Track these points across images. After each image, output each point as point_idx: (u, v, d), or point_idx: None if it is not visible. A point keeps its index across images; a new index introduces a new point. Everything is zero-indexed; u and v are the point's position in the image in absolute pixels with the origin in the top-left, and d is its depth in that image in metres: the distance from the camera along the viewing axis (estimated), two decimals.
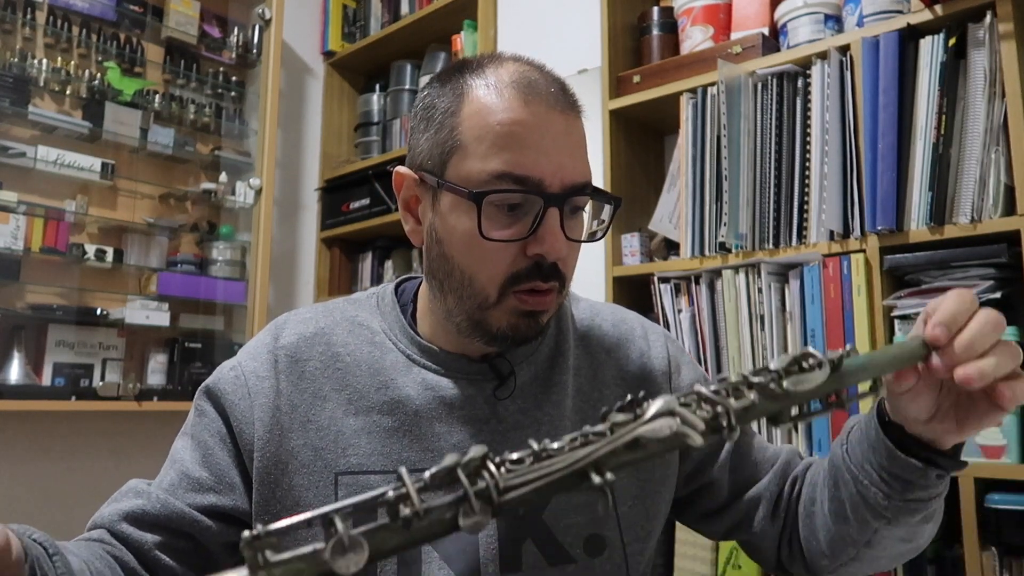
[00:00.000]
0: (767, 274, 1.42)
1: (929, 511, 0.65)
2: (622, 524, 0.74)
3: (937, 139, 1.27)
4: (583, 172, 0.69)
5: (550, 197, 0.66)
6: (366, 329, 0.77)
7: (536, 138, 0.66)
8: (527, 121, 0.66)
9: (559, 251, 0.66)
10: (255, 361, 0.75)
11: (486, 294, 0.68)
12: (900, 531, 0.67)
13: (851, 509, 0.68)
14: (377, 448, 0.71)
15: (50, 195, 2.23)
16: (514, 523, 0.70)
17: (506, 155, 0.66)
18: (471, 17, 2.30)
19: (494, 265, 0.67)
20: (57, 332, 2.19)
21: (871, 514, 0.66)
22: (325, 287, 2.75)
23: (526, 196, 0.66)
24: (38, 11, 2.25)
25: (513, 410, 0.74)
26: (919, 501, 0.63)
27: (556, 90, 0.70)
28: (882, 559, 0.72)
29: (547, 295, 0.69)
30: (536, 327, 0.70)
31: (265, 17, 2.60)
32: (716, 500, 0.82)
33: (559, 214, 0.66)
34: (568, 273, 0.71)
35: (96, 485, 2.22)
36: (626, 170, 1.76)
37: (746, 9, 1.65)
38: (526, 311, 0.68)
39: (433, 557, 0.68)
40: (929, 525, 0.69)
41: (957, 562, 1.19)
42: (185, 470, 0.72)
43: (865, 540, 0.68)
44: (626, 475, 0.76)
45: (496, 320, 0.69)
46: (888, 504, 0.64)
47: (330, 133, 2.84)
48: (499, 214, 0.67)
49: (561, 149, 0.67)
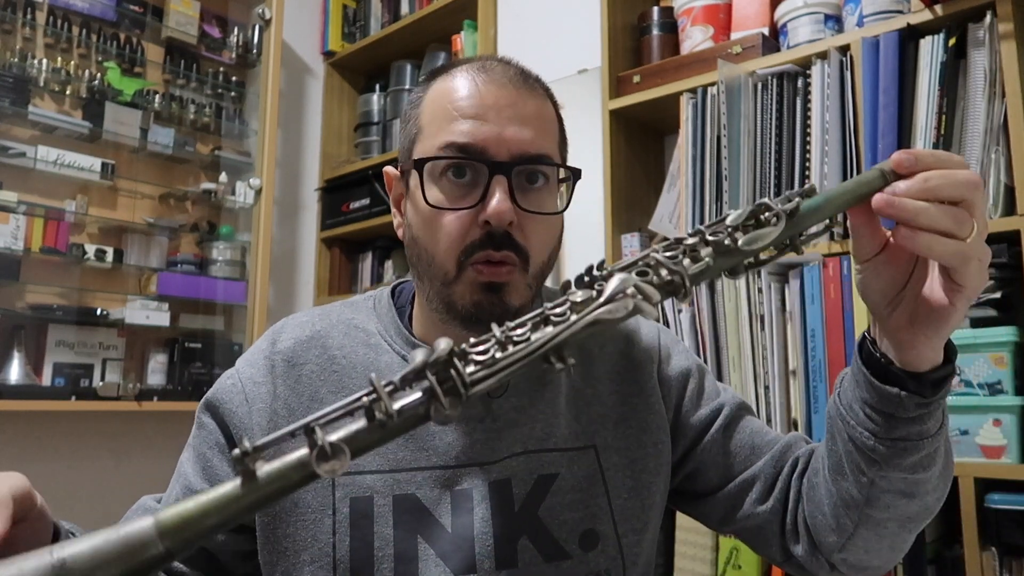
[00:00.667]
0: (767, 274, 1.42)
1: (922, 454, 0.62)
2: (616, 517, 0.75)
3: (937, 139, 1.27)
4: (535, 144, 0.69)
5: (495, 164, 0.67)
6: (362, 331, 0.77)
7: (482, 110, 0.68)
8: (474, 94, 0.69)
9: (502, 216, 0.66)
10: (252, 368, 0.76)
11: (445, 269, 0.69)
12: (897, 480, 0.63)
13: (846, 459, 0.65)
14: None
15: (50, 195, 2.23)
16: (509, 520, 0.71)
17: (452, 127, 0.68)
18: (471, 17, 2.30)
19: (448, 237, 0.68)
20: (57, 332, 2.19)
21: (864, 460, 0.63)
22: (325, 287, 2.75)
23: (474, 166, 0.68)
24: (38, 11, 2.25)
25: (507, 408, 0.74)
26: (907, 440, 0.61)
27: (513, 72, 0.72)
28: (889, 524, 0.67)
29: (502, 266, 0.68)
30: (500, 304, 0.68)
31: (265, 17, 2.60)
32: (709, 483, 0.80)
33: (507, 182, 0.67)
34: (531, 247, 0.69)
35: (96, 485, 2.23)
36: (626, 170, 1.76)
37: (746, 9, 1.65)
38: (484, 284, 0.68)
39: (430, 555, 0.68)
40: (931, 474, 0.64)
41: (957, 562, 1.19)
42: (187, 483, 0.74)
43: (864, 496, 0.65)
44: (621, 470, 0.76)
45: (460, 296, 0.69)
46: (875, 445, 0.62)
47: (330, 133, 2.84)
48: (451, 187, 0.68)
49: (508, 119, 0.68)
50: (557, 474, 0.73)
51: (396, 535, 0.69)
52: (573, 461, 0.74)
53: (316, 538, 0.69)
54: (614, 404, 0.79)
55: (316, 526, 0.69)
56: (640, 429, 0.78)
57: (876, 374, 0.61)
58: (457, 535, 0.69)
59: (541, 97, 0.73)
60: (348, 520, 0.69)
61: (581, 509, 0.73)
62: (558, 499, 0.73)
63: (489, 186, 0.67)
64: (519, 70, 0.73)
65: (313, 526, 0.69)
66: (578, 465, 0.75)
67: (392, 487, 0.70)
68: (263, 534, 0.71)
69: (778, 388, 1.38)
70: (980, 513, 1.18)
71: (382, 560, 0.68)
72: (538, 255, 0.70)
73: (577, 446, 0.75)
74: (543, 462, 0.73)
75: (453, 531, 0.69)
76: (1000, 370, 1.18)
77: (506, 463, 0.72)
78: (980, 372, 1.20)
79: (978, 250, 0.54)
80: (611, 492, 0.75)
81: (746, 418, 0.82)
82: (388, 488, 0.70)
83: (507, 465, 0.72)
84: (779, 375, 1.38)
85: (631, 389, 0.79)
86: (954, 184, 0.54)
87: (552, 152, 0.71)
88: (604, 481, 0.75)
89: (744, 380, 1.43)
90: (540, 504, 0.72)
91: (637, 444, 0.78)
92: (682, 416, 0.81)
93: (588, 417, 0.77)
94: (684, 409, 0.81)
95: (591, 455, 0.76)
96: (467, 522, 0.70)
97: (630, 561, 0.75)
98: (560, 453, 0.74)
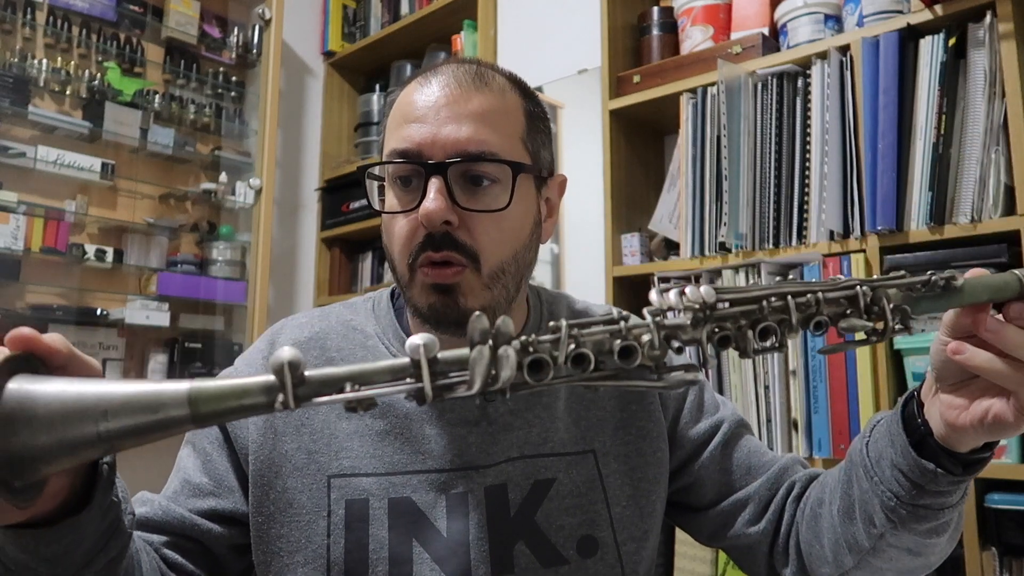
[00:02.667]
0: (767, 274, 1.42)
1: (939, 522, 0.62)
2: (616, 525, 0.74)
3: (937, 139, 1.27)
4: (472, 140, 0.67)
5: (428, 166, 0.67)
6: (360, 333, 0.78)
7: (421, 113, 0.69)
8: (418, 99, 0.70)
9: (431, 216, 0.65)
10: (250, 368, 0.76)
11: (402, 271, 0.70)
12: (908, 540, 0.63)
13: (859, 508, 0.65)
14: (369, 451, 0.71)
15: (50, 195, 2.23)
16: (505, 525, 0.70)
17: (398, 132, 0.70)
18: (471, 17, 2.30)
19: (400, 241, 0.69)
20: (57, 332, 2.19)
21: (879, 516, 0.63)
22: (325, 287, 2.75)
23: (414, 168, 0.68)
24: (38, 11, 2.25)
25: (503, 411, 0.74)
26: (929, 509, 0.60)
27: (464, 72, 0.71)
28: (887, 573, 0.68)
29: (446, 267, 0.67)
30: (451, 306, 0.68)
31: (265, 17, 2.60)
32: (703, 499, 0.80)
33: (443, 181, 0.66)
34: (479, 246, 0.68)
35: None
36: (626, 170, 1.76)
37: (746, 9, 1.65)
38: (431, 285, 0.68)
39: (424, 559, 0.68)
40: (941, 540, 0.64)
41: (957, 562, 1.19)
42: (187, 477, 0.74)
43: (871, 546, 0.65)
44: (620, 477, 0.76)
45: (417, 299, 0.70)
46: (896, 505, 0.61)
47: (330, 133, 2.84)
48: (400, 192, 0.70)
49: (445, 119, 0.68)
50: (555, 479, 0.73)
51: (391, 538, 0.68)
52: (571, 466, 0.74)
53: (310, 539, 0.69)
54: (613, 409, 0.78)
55: (311, 527, 0.69)
56: (639, 436, 0.78)
57: (912, 439, 0.60)
58: (452, 539, 0.69)
59: (494, 93, 0.71)
60: (343, 522, 0.69)
61: (579, 514, 0.73)
62: (555, 504, 0.72)
63: (425, 188, 0.67)
64: (475, 69, 0.71)
65: (307, 527, 0.69)
66: (576, 470, 0.74)
67: (387, 490, 0.70)
68: (256, 533, 0.71)
69: (778, 388, 1.38)
70: (980, 513, 1.18)
71: (377, 563, 0.68)
72: (492, 254, 0.69)
73: (576, 451, 0.75)
74: (540, 467, 0.73)
75: (448, 535, 0.69)
76: None
77: (502, 468, 0.72)
78: None
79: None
80: (610, 499, 0.75)
81: (745, 436, 0.82)
82: (383, 491, 0.70)
83: (503, 470, 0.72)
84: (779, 375, 1.38)
85: (630, 395, 0.79)
86: None
87: (500, 148, 0.69)
88: (603, 488, 0.75)
89: (744, 380, 1.43)
90: (537, 509, 0.72)
91: (636, 452, 0.77)
92: (680, 427, 0.81)
93: (587, 422, 0.77)
94: (683, 420, 0.81)
95: (590, 460, 0.75)
96: (462, 526, 0.69)
97: (630, 570, 0.74)
98: (558, 458, 0.74)
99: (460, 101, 0.69)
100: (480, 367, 0.38)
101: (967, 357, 0.53)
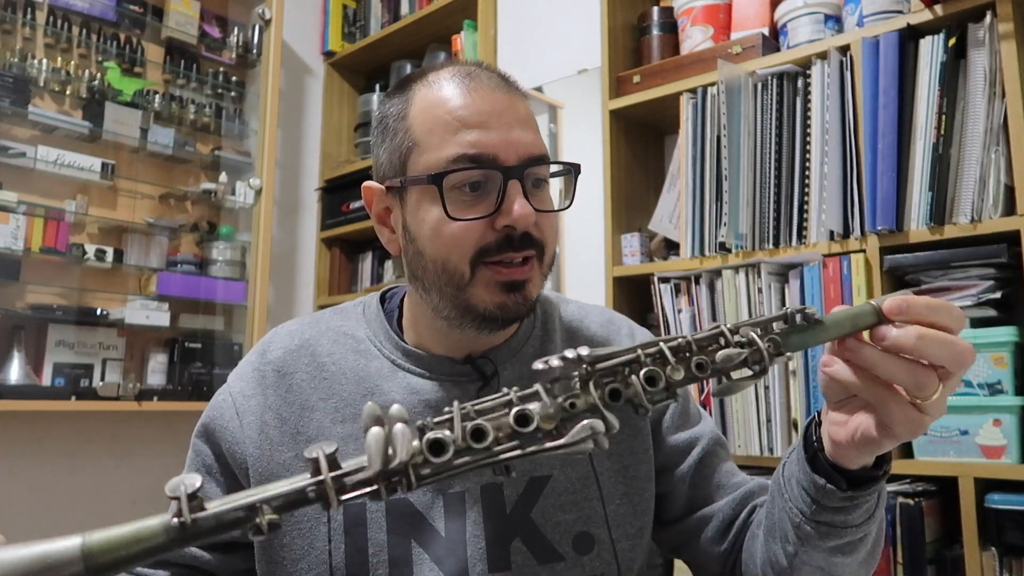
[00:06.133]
0: (767, 274, 1.42)
1: (843, 541, 0.63)
2: (611, 522, 0.75)
3: (937, 139, 1.27)
4: (536, 145, 0.70)
5: (508, 170, 0.67)
6: (351, 338, 0.78)
7: (483, 118, 0.69)
8: (471, 104, 0.69)
9: (527, 219, 0.67)
10: (242, 381, 0.77)
11: (460, 273, 0.69)
12: (817, 558, 0.64)
13: (778, 526, 0.67)
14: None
15: (50, 195, 2.23)
16: (502, 523, 0.71)
17: (458, 138, 0.68)
18: (471, 17, 2.30)
19: (463, 244, 0.68)
20: (57, 332, 2.19)
21: (791, 533, 0.64)
22: (325, 287, 2.75)
23: (485, 173, 0.68)
24: (38, 11, 2.25)
25: None
26: (831, 526, 0.62)
27: (495, 75, 0.73)
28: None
29: (524, 265, 0.69)
30: (523, 301, 0.70)
31: (265, 17, 2.60)
32: (671, 512, 0.82)
33: (520, 185, 0.68)
34: (547, 242, 0.71)
35: (96, 485, 2.22)
36: (626, 170, 1.76)
37: (746, 9, 1.65)
38: (505, 283, 0.69)
39: (424, 559, 0.69)
40: (849, 561, 0.65)
41: (957, 562, 1.19)
42: None
43: (787, 564, 0.66)
44: (614, 475, 0.76)
45: (479, 299, 0.69)
46: (800, 523, 0.63)
47: (330, 133, 2.84)
48: (463, 197, 0.68)
49: (510, 124, 0.69)
50: (550, 476, 0.73)
51: (390, 540, 0.69)
52: (566, 463, 0.75)
53: (312, 546, 0.70)
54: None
55: (312, 534, 0.70)
56: (631, 434, 0.78)
57: (808, 457, 0.62)
58: (450, 539, 0.69)
59: (525, 99, 0.75)
60: (342, 527, 0.70)
61: (574, 511, 0.73)
62: (551, 501, 0.73)
63: (505, 192, 0.67)
64: (498, 73, 0.74)
65: (309, 534, 0.70)
66: (571, 467, 0.75)
67: None
68: (260, 547, 0.72)
69: (778, 388, 1.38)
70: (980, 513, 1.18)
71: (377, 566, 0.68)
72: (550, 247, 0.73)
73: None
74: (535, 464, 0.73)
75: (446, 535, 0.70)
76: (1000, 370, 1.18)
77: None
78: (980, 372, 1.20)
79: (934, 411, 0.53)
80: (605, 496, 0.75)
81: (719, 454, 0.83)
82: None
83: None
84: (779, 375, 1.38)
85: None
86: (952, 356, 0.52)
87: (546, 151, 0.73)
88: (598, 485, 0.75)
89: None
90: (533, 506, 0.72)
91: (629, 450, 0.78)
92: (663, 430, 0.82)
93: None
94: (665, 424, 0.82)
95: (584, 457, 0.76)
96: (459, 525, 0.70)
97: (625, 567, 0.75)
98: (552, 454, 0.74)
99: (513, 106, 0.71)
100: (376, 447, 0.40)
101: (833, 371, 0.56)
